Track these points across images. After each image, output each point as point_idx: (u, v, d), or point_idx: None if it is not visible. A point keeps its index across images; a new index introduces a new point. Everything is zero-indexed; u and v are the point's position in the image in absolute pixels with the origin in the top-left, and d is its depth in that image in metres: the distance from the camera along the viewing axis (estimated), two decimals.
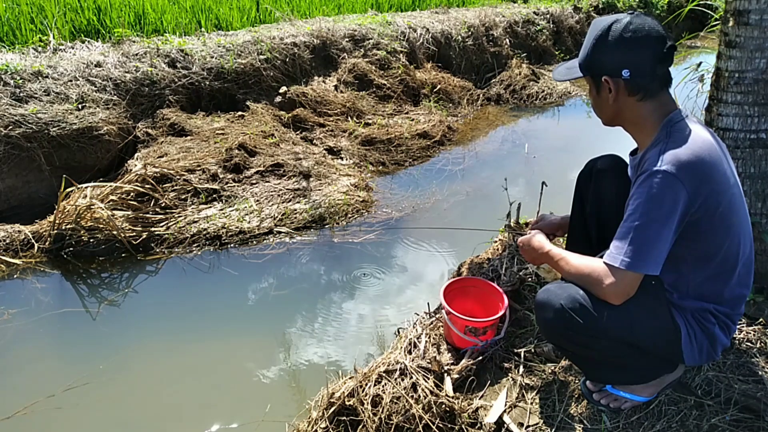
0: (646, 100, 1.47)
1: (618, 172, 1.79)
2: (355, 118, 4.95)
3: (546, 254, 1.67)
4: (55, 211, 3.16)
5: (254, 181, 3.81)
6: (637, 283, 1.43)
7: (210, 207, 3.53)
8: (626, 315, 1.45)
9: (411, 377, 1.80)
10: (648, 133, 1.49)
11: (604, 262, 1.44)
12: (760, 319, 1.96)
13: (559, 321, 1.48)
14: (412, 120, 5.09)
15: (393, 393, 1.75)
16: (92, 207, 3.15)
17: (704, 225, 1.41)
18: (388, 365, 1.86)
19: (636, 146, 1.60)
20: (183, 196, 3.57)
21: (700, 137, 1.42)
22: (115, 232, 3.13)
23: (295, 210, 3.54)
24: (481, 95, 6.13)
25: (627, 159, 1.70)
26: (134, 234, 3.19)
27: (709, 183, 1.38)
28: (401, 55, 5.85)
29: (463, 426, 1.71)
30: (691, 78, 4.11)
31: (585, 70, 1.52)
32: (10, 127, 3.52)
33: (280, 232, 3.36)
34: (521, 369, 1.92)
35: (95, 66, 4.28)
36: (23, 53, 4.32)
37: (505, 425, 1.70)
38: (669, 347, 1.52)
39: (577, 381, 1.83)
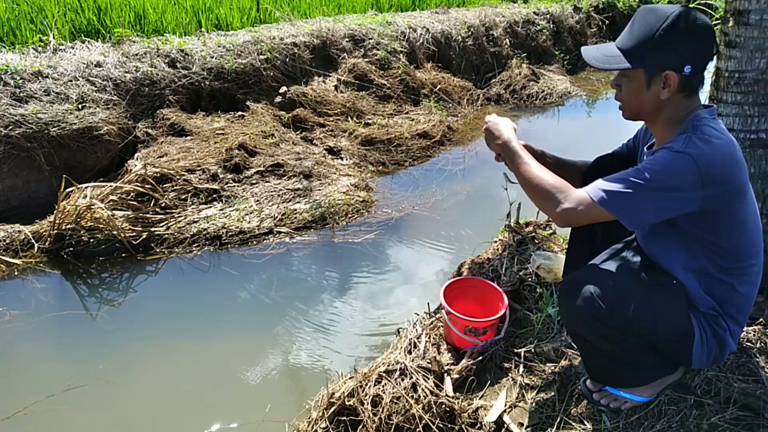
0: (688, 96, 1.43)
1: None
2: (355, 118, 4.95)
3: (507, 146, 1.62)
4: (55, 211, 3.16)
5: (254, 181, 3.81)
6: (593, 220, 1.40)
7: (210, 207, 3.53)
8: (650, 310, 1.44)
9: (411, 377, 1.80)
10: (675, 129, 1.45)
11: (584, 191, 1.40)
12: (760, 319, 1.96)
13: (586, 309, 1.46)
14: (412, 120, 5.09)
15: (393, 393, 1.75)
16: (92, 207, 3.15)
17: (718, 218, 1.40)
18: (388, 365, 1.86)
19: (653, 141, 1.58)
20: (183, 196, 3.57)
21: (726, 136, 1.40)
22: (115, 232, 3.13)
23: (295, 210, 3.54)
24: (481, 95, 6.13)
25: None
26: (134, 234, 3.19)
27: (726, 185, 1.36)
28: (401, 55, 5.85)
29: (463, 426, 1.71)
30: None
31: (639, 61, 1.41)
32: (10, 127, 3.52)
33: (280, 232, 3.36)
34: (521, 369, 1.92)
35: (95, 66, 4.28)
36: (23, 53, 4.32)
37: (505, 425, 1.70)
38: (681, 348, 1.52)
39: (577, 381, 1.83)
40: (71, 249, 3.11)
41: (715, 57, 1.43)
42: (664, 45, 1.37)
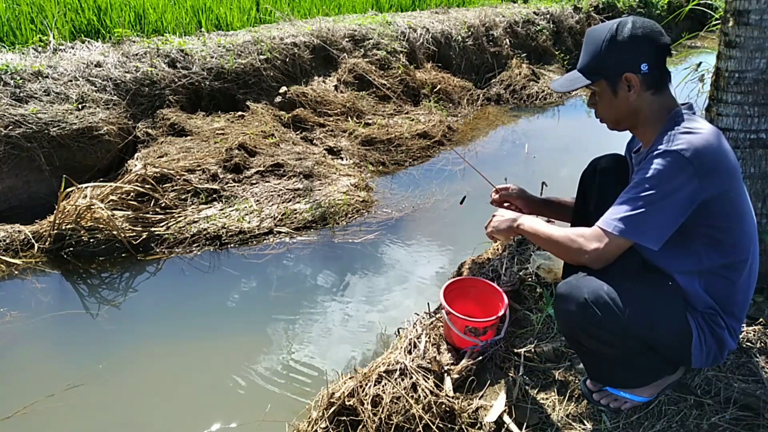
0: (658, 93, 1.50)
1: (622, 170, 1.80)
2: (355, 118, 4.95)
3: (515, 222, 1.72)
4: (55, 211, 3.16)
5: (254, 181, 3.81)
6: (621, 250, 1.45)
7: (210, 207, 3.53)
8: (646, 313, 1.45)
9: (411, 377, 1.80)
10: (657, 128, 1.50)
11: (598, 227, 1.46)
12: (760, 319, 1.96)
13: (581, 315, 1.47)
14: (412, 120, 5.09)
15: (393, 393, 1.75)
16: (92, 207, 3.15)
17: (716, 207, 1.42)
18: (388, 365, 1.86)
19: (639, 145, 1.62)
20: (183, 196, 3.57)
21: (708, 126, 1.44)
22: (115, 232, 3.13)
23: (295, 210, 3.54)
24: (481, 95, 6.13)
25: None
26: (134, 234, 3.19)
27: (719, 171, 1.39)
28: (401, 55, 5.85)
29: (463, 426, 1.71)
30: (691, 78, 4.10)
31: (597, 74, 1.51)
32: (10, 127, 3.52)
33: (280, 232, 3.36)
34: (521, 369, 1.92)
35: (95, 66, 4.28)
36: (23, 53, 4.32)
37: (505, 425, 1.70)
38: (680, 349, 1.53)
39: (577, 381, 1.83)
40: (71, 249, 3.11)
41: (668, 53, 1.51)
42: (612, 52, 1.47)
